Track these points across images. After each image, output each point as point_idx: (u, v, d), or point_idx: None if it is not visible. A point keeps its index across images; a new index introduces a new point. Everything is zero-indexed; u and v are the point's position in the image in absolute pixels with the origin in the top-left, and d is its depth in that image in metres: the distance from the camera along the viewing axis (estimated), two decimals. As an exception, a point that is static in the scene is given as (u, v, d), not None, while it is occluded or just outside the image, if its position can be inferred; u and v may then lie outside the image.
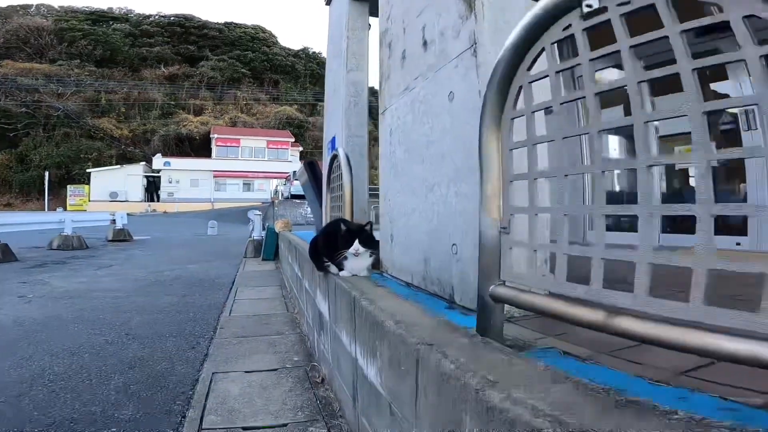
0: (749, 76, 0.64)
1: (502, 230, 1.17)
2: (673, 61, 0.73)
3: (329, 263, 2.33)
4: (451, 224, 1.97)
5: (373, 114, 4.03)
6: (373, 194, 4.82)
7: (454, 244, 1.92)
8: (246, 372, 2.76)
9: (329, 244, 2.24)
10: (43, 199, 37.29)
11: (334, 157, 4.32)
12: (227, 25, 63.42)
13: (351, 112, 5.26)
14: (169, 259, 9.25)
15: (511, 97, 1.14)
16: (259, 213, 9.97)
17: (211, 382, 2.58)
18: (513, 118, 1.15)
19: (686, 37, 0.72)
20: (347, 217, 2.97)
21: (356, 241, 2.11)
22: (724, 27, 0.64)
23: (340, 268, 2.24)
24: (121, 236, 14.23)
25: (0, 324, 3.85)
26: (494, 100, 1.17)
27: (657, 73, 0.77)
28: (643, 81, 0.80)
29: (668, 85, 0.79)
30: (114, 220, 14.72)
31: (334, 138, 5.85)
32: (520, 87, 1.11)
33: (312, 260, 2.53)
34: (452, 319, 1.49)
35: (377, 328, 1.58)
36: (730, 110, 3.74)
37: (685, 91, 0.72)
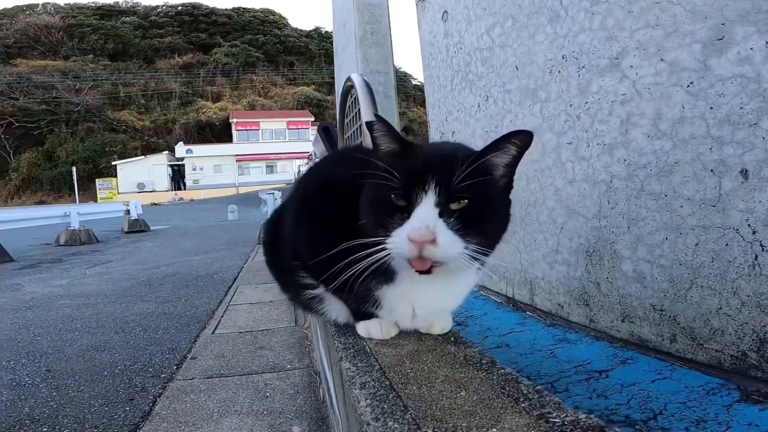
0: None
1: None
2: None
3: (319, 292, 0.90)
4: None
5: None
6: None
7: None
8: (202, 464, 1.48)
9: (325, 229, 0.83)
10: (74, 195, 37.63)
11: (348, 92, 2.91)
12: (235, 10, 62.54)
13: (368, 41, 3.91)
14: (175, 251, 8.20)
15: None
16: (272, 192, 8.69)
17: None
18: None
19: None
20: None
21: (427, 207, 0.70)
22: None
23: (362, 313, 0.85)
24: (137, 227, 13.43)
25: None
26: None
27: None
28: None
29: None
30: (128, 211, 13.92)
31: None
32: None
33: (272, 273, 1.10)
34: None
35: None
36: None
37: None
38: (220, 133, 45.33)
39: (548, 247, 1.14)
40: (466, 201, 0.69)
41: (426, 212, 0.67)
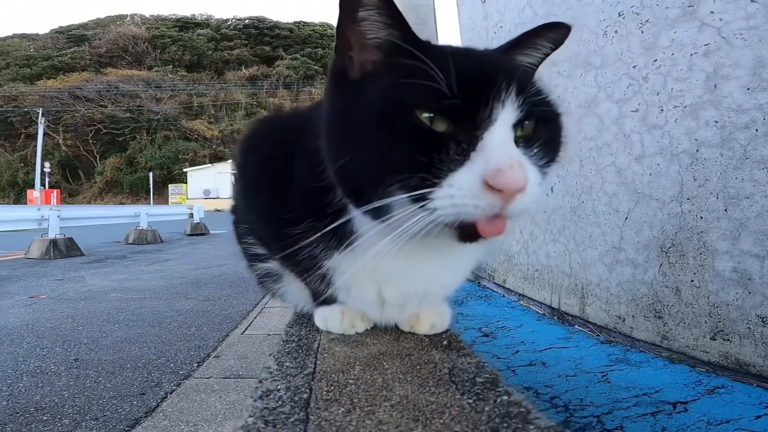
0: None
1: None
2: None
3: (272, 266, 0.72)
4: None
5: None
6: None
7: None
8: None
9: (275, 172, 0.59)
10: (149, 198, 40.68)
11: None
12: (297, 23, 66.16)
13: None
14: (227, 254, 8.45)
15: None
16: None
17: None
18: None
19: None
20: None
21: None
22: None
23: (321, 296, 0.63)
24: (198, 230, 14.10)
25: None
26: None
27: None
28: None
29: None
30: (192, 214, 14.71)
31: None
32: None
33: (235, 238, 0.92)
34: None
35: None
36: None
37: None
38: (280, 144, 47.63)
39: (607, 244, 0.88)
40: (534, 121, 0.46)
41: (506, 139, 0.43)
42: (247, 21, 65.70)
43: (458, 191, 0.42)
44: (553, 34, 0.50)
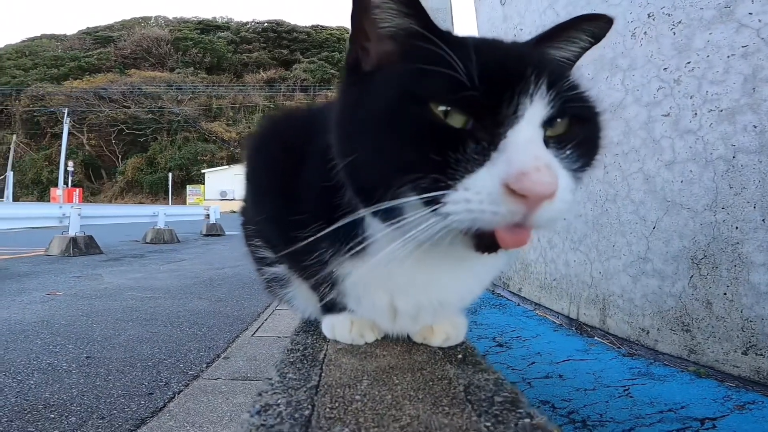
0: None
1: None
2: None
3: (279, 270, 0.66)
4: None
5: None
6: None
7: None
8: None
9: (282, 167, 0.57)
10: (168, 199, 41.39)
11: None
12: (314, 27, 66.99)
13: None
14: (241, 255, 8.41)
15: None
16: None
17: None
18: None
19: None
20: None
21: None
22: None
23: (329, 303, 0.58)
24: (214, 231, 14.28)
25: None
26: None
27: None
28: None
29: None
30: (208, 215, 14.92)
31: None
32: None
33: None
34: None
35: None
36: None
37: None
38: (296, 146, 48.24)
39: (632, 254, 0.84)
40: (568, 118, 0.42)
41: (533, 138, 0.39)
42: (265, 24, 66.83)
43: (475, 195, 0.38)
44: (592, 26, 0.46)
